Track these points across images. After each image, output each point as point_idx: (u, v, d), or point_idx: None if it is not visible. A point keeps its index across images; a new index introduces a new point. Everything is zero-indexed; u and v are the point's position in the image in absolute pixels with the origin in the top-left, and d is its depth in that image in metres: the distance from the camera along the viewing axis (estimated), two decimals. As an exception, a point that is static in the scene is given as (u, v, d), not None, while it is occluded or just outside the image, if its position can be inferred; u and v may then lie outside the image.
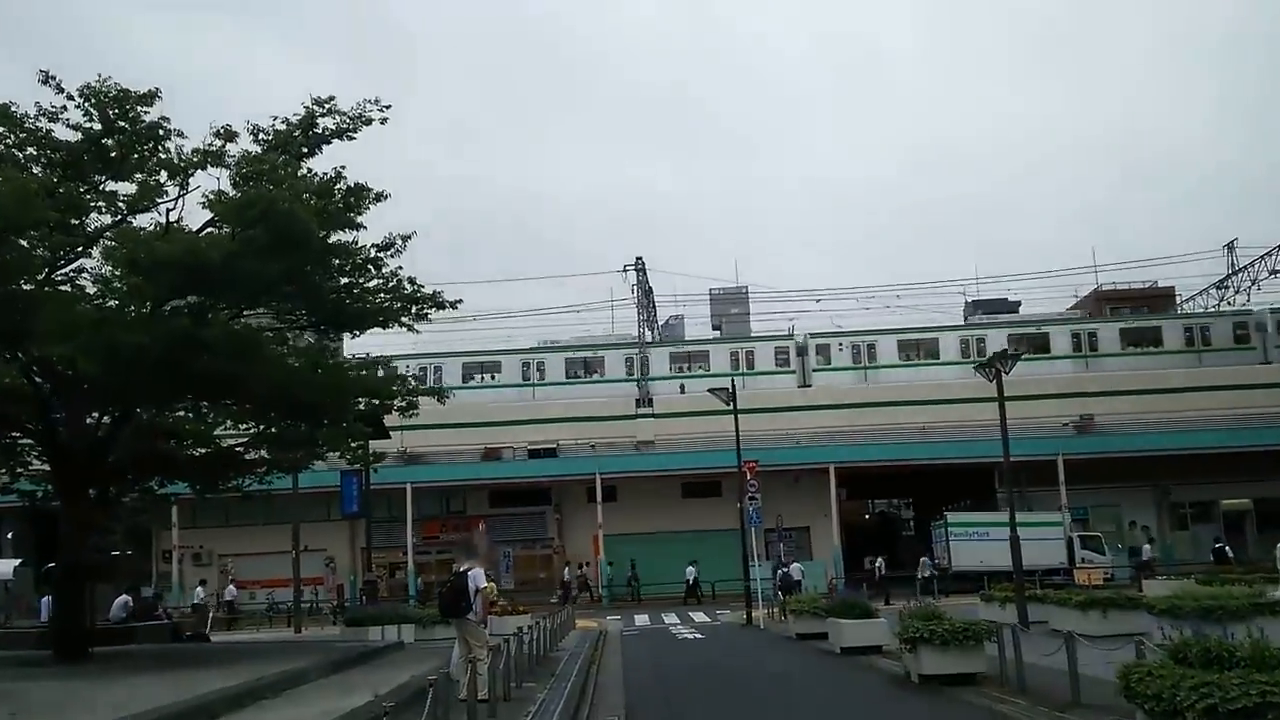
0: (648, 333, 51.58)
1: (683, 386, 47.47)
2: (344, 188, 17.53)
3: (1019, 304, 53.67)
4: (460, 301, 19.77)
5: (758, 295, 55.71)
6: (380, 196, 18.10)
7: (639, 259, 52.02)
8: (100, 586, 25.60)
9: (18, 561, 22.12)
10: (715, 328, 54.69)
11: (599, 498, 39.80)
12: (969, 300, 54.73)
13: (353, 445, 21.14)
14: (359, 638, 20.90)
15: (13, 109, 16.37)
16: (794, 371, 47.70)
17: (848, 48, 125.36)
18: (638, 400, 47.39)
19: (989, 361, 21.48)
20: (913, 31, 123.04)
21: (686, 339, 52.97)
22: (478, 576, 12.20)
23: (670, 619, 30.06)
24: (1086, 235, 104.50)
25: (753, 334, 51.48)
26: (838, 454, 41.00)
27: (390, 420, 22.74)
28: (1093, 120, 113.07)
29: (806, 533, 41.67)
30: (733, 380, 34.37)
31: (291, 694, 12.21)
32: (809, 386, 46.94)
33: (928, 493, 49.39)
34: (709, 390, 31.88)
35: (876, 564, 36.48)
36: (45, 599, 24.42)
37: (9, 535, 28.89)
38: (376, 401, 20.28)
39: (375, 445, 23.47)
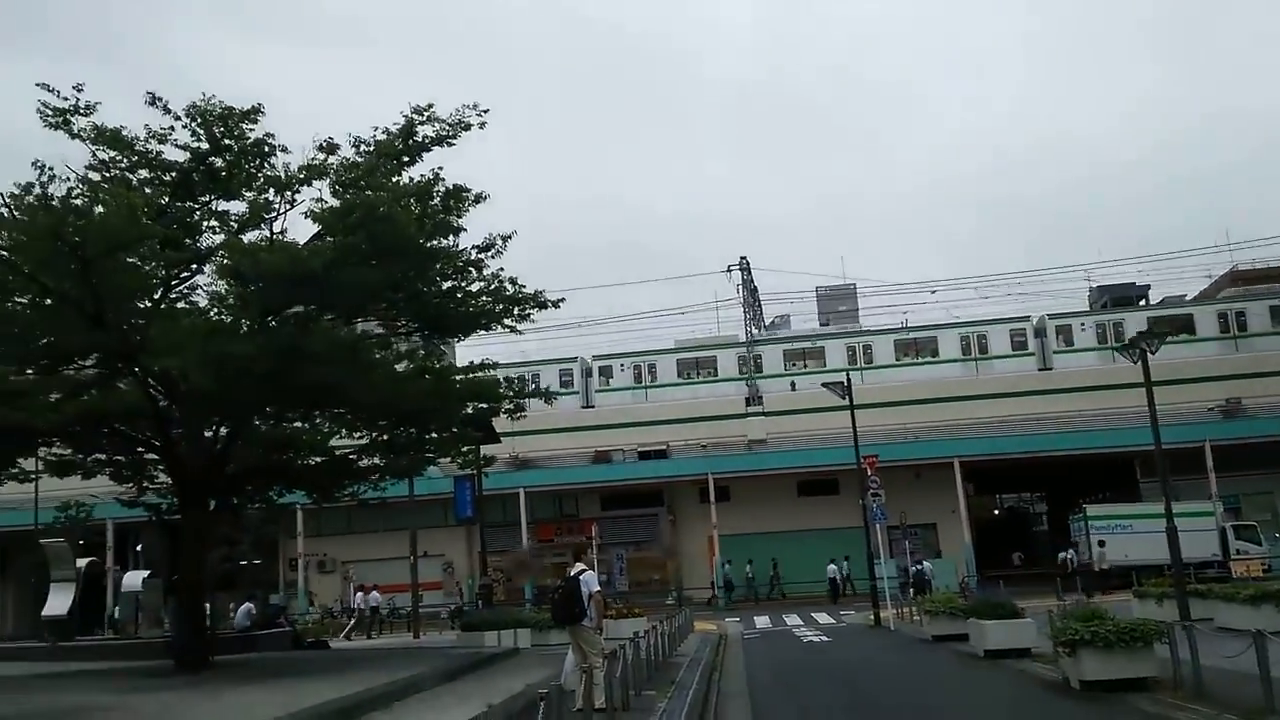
0: (755, 332, 51.33)
1: (793, 384, 46.96)
2: (442, 190, 17.33)
3: (1148, 288, 50.83)
4: (563, 300, 19.42)
5: (867, 290, 54.44)
6: (479, 198, 17.84)
7: (743, 258, 51.65)
8: (227, 595, 26.38)
9: (146, 573, 22.80)
10: (823, 325, 53.80)
11: (712, 498, 39.17)
12: (1094, 286, 52.24)
13: (463, 450, 21.03)
14: (475, 643, 20.76)
15: (124, 132, 16.60)
16: (577, 392, 48.33)
17: (955, 34, 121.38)
18: (747, 399, 46.94)
19: (1133, 343, 19.84)
20: (1023, 15, 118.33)
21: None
22: (590, 581, 11.69)
23: (792, 620, 29.09)
24: (1214, 218, 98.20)
25: (862, 329, 50.54)
26: (962, 447, 39.46)
27: (501, 426, 22.63)
28: (1211, 99, 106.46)
29: (933, 529, 40.31)
30: (848, 376, 33.20)
31: (402, 705, 11.96)
32: (589, 408, 47.80)
33: (1061, 485, 47.27)
34: (823, 385, 31.12)
35: (1066, 556, 33.75)
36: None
37: (138, 547, 30.06)
38: (484, 405, 20.09)
39: (486, 450, 23.37)
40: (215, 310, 17.36)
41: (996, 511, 55.94)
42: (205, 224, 17.31)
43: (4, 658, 21.65)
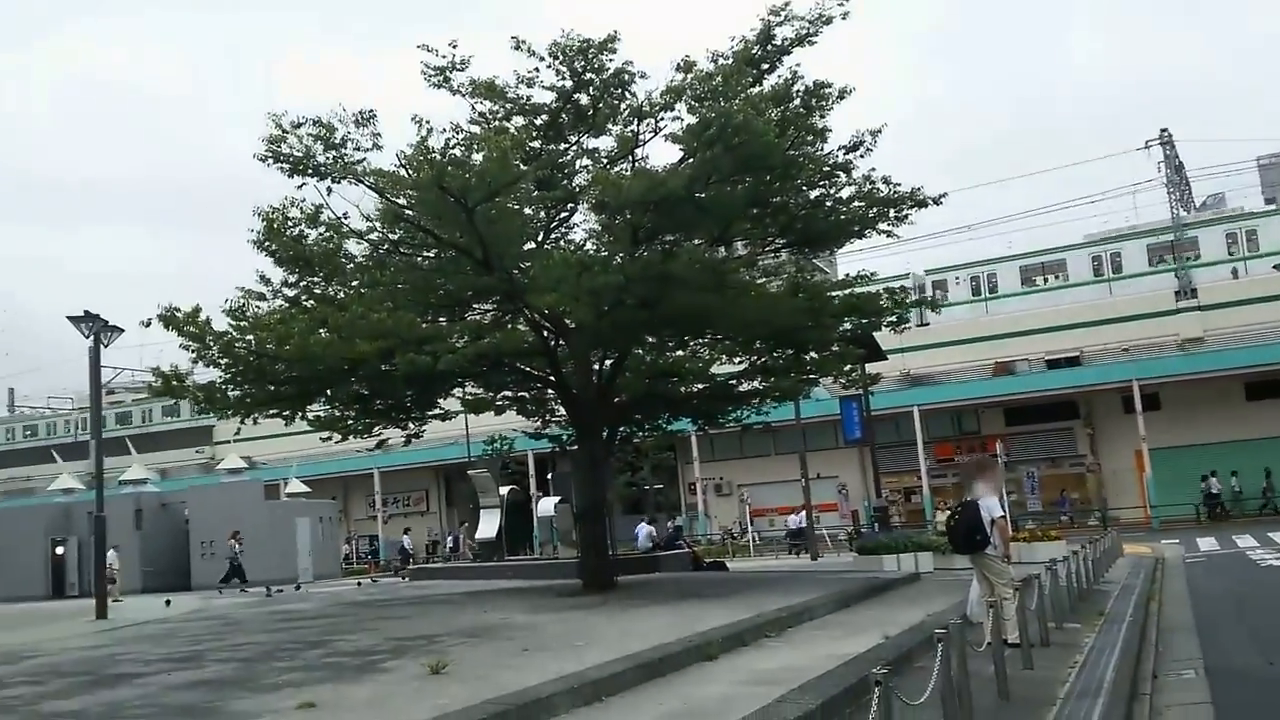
0: (1182, 214, 44.47)
1: (1235, 270, 39.98)
2: (801, 89, 16.19)
3: None
4: (945, 195, 17.57)
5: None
6: (844, 93, 16.50)
7: (1164, 131, 44.99)
8: (638, 517, 27.84)
9: (558, 499, 24.65)
10: (1269, 201, 45.26)
11: (1138, 407, 34.51)
12: None
13: (845, 369, 20.01)
14: (871, 567, 19.93)
15: (496, 82, 17.27)
16: None
17: None
18: (1177, 293, 40.82)
19: None
20: None
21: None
22: (991, 506, 10.48)
23: (1245, 542, 24.75)
24: None
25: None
26: None
27: (892, 343, 21.21)
28: None
29: None
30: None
31: (794, 632, 11.45)
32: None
33: None
34: (1275, 267, 25.90)
35: None
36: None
37: (549, 475, 32.87)
38: (865, 321, 18.89)
39: (871, 368, 22.18)
40: (593, 246, 17.84)
41: None
42: (578, 163, 17.76)
43: (447, 576, 24.71)
